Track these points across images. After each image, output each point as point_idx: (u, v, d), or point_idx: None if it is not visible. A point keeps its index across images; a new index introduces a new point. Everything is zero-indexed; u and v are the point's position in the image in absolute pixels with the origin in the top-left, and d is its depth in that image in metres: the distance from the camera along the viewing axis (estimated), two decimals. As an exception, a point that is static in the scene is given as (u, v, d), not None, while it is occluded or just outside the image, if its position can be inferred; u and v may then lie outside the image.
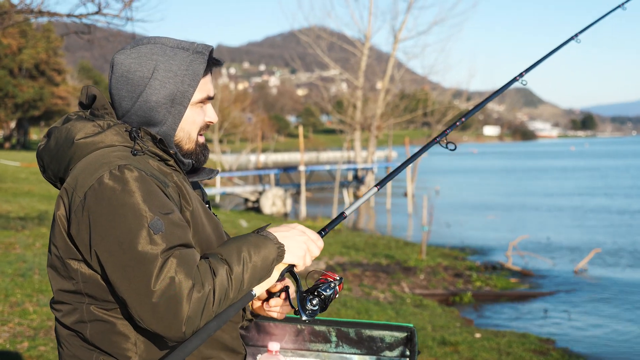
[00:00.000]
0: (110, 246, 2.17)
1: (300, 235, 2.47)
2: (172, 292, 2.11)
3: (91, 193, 2.22)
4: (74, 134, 2.40)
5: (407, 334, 3.54)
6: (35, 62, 58.27)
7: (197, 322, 2.17)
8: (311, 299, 2.47)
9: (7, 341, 7.58)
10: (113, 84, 2.46)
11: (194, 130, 2.54)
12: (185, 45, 2.49)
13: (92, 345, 2.35)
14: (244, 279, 2.28)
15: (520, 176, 56.77)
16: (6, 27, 10.88)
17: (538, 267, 16.38)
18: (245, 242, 2.34)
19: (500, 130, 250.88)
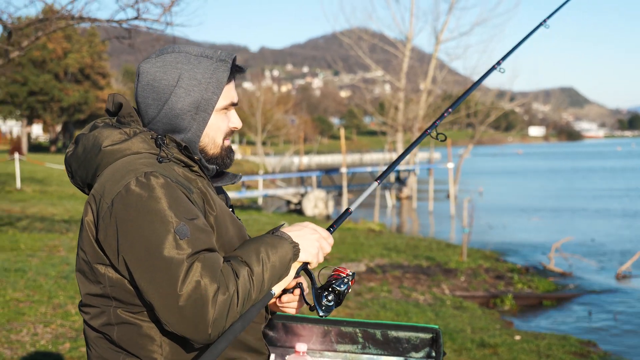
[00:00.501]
0: (137, 251, 2.22)
1: (313, 233, 2.54)
2: (198, 295, 2.15)
3: (118, 200, 2.27)
4: (101, 141, 2.45)
5: (432, 335, 3.55)
6: (80, 66, 58.94)
7: (223, 323, 2.21)
8: (326, 294, 2.50)
9: (50, 342, 7.69)
10: (139, 92, 2.52)
11: (218, 136, 2.59)
12: (209, 54, 2.53)
13: (119, 347, 2.40)
14: (264, 279, 2.33)
15: (566, 177, 56.25)
16: (48, 33, 11.05)
17: (581, 269, 16.24)
18: (262, 243, 2.40)
19: (545, 131, 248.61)
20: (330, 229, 2.67)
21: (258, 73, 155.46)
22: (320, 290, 2.52)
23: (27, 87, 55.98)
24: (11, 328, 8.12)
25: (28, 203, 24.84)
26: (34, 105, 57.60)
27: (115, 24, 11.63)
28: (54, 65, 56.93)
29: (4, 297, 9.60)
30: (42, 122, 65.09)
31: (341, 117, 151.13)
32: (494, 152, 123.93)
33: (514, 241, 21.24)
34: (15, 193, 28.79)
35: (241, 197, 32.13)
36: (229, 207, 2.79)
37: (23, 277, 10.95)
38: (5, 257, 12.90)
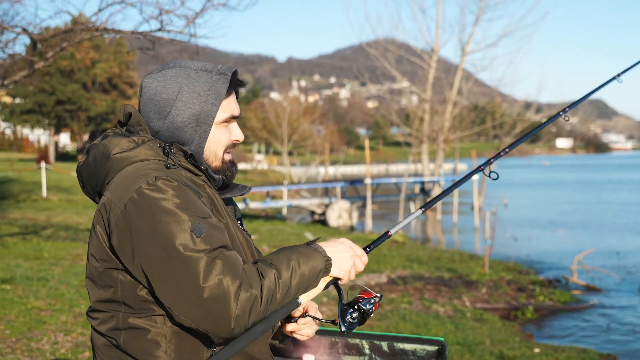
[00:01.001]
0: (155, 254, 2.27)
1: (348, 251, 2.57)
2: (220, 291, 2.20)
3: (131, 204, 2.32)
4: (110, 149, 2.51)
5: (438, 348, 3.58)
6: (108, 76, 59.30)
7: (245, 321, 2.25)
8: (351, 312, 2.54)
9: (70, 351, 7.76)
10: (142, 106, 2.59)
11: (219, 149, 2.64)
12: (208, 68, 2.59)
13: (124, 353, 2.45)
14: (291, 284, 2.37)
15: (593, 189, 55.81)
16: (72, 44, 11.17)
17: (604, 283, 16.14)
18: (295, 252, 2.44)
19: (573, 143, 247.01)
20: (366, 249, 2.69)
21: (285, 83, 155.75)
22: (347, 307, 2.55)
23: (55, 97, 56.41)
24: (32, 336, 8.21)
25: (53, 212, 25.06)
26: (62, 115, 58.01)
27: (139, 35, 11.74)
28: (81, 75, 57.36)
29: (26, 305, 9.70)
30: (70, 131, 65.49)
31: (368, 128, 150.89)
32: (521, 163, 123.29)
33: (538, 253, 21.15)
34: (41, 202, 29.05)
35: (265, 207, 32.17)
36: (238, 219, 2.84)
37: (45, 286, 11.06)
38: (29, 265, 13.03)
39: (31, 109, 58.17)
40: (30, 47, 12.52)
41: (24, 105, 58.78)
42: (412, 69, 45.47)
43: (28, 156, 65.28)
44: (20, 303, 9.79)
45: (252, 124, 77.40)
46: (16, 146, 76.31)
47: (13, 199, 29.06)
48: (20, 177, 38.88)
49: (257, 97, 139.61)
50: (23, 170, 42.63)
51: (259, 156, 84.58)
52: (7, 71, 13.50)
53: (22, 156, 65.20)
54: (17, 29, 11.53)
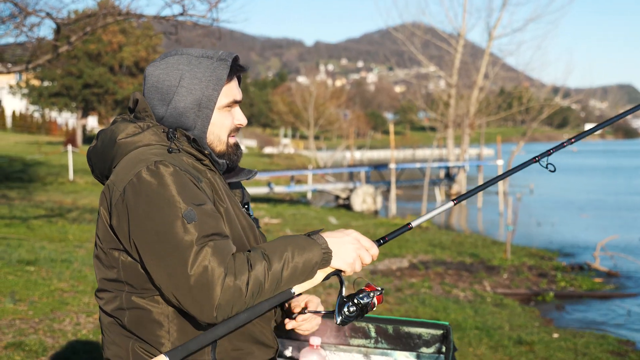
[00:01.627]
0: (148, 236, 2.35)
1: (353, 242, 2.56)
2: (205, 279, 2.26)
3: (130, 187, 2.40)
4: (116, 134, 2.59)
5: (443, 332, 3.63)
6: (135, 60, 59.43)
7: (229, 309, 2.31)
8: (350, 305, 2.55)
9: (91, 332, 7.86)
10: (146, 94, 2.66)
11: (223, 133, 2.69)
12: (209, 54, 2.65)
13: (129, 332, 2.52)
14: (282, 276, 2.40)
15: (620, 175, 55.45)
16: (96, 28, 11.27)
17: (627, 269, 16.07)
18: (291, 242, 2.47)
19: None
20: (381, 241, 2.69)
21: (312, 67, 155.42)
22: (346, 299, 2.57)
23: (82, 80, 56.58)
24: (54, 317, 8.32)
25: (80, 194, 25.26)
26: (89, 98, 58.22)
27: (161, 20, 11.81)
28: (109, 59, 57.50)
29: (49, 287, 9.82)
30: (97, 114, 65.80)
31: (395, 112, 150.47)
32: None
33: (561, 239, 21.08)
34: (68, 184, 29.27)
35: (290, 192, 32.28)
36: (245, 204, 2.90)
37: (69, 268, 11.19)
38: (53, 247, 13.17)
39: (59, 92, 58.39)
40: (54, 31, 12.62)
41: (52, 88, 59.01)
42: (439, 54, 45.29)
43: (56, 139, 65.71)
44: (43, 284, 9.92)
45: (278, 108, 77.43)
46: (44, 129, 76.78)
47: (40, 182, 29.31)
48: (47, 160, 39.16)
49: (284, 81, 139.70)
50: (50, 153, 42.95)
51: (285, 140, 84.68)
52: (32, 55, 13.62)
53: (49, 139, 65.63)
54: (41, 13, 11.65)
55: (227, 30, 19.17)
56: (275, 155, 66.10)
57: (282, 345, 3.79)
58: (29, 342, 7.14)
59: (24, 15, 11.51)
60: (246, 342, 2.63)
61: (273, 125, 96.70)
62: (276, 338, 2.80)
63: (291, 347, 3.79)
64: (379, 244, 2.66)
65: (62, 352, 7.05)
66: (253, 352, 2.66)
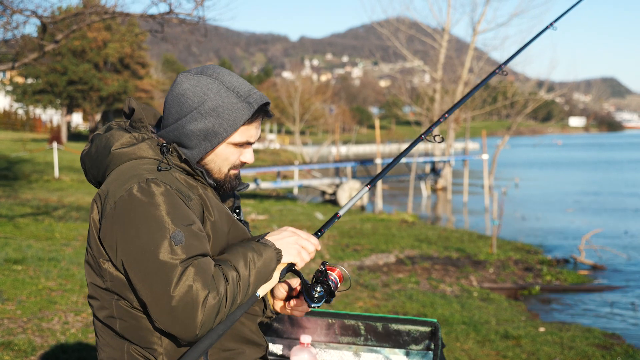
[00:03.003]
0: (135, 254, 2.37)
1: (291, 236, 2.66)
2: (189, 299, 2.30)
3: (121, 203, 2.42)
4: (111, 143, 2.61)
5: (431, 329, 3.68)
6: (120, 56, 59.28)
7: (211, 325, 2.37)
8: (315, 287, 2.66)
9: (80, 331, 7.86)
10: (169, 98, 2.66)
11: (225, 166, 2.72)
12: (241, 91, 2.65)
13: (122, 338, 2.56)
14: (249, 283, 2.48)
15: (604, 169, 55.70)
16: (82, 26, 11.24)
17: (611, 262, 16.19)
18: (249, 249, 2.54)
19: (586, 121, 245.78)
20: (317, 234, 2.78)
21: (297, 62, 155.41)
22: (309, 284, 2.67)
23: (67, 77, 56.38)
24: (43, 316, 8.32)
25: (65, 192, 25.16)
26: (74, 95, 58.02)
27: (148, 18, 11.81)
28: (93, 55, 57.33)
29: (37, 285, 9.81)
30: (82, 111, 65.59)
31: (380, 107, 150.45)
32: (533, 142, 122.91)
33: (547, 233, 21.19)
34: (53, 182, 29.15)
35: (276, 187, 32.26)
36: (236, 208, 2.94)
37: (56, 267, 11.18)
38: (40, 246, 13.14)
39: (43, 89, 58.19)
40: (40, 29, 12.60)
41: (36, 85, 58.78)
42: (423, 48, 45.30)
43: (40, 136, 65.36)
44: (31, 283, 9.91)
45: (263, 103, 77.23)
46: (28, 126, 76.38)
47: (25, 180, 29.17)
48: (32, 158, 38.99)
49: (269, 76, 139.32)
50: (35, 150, 42.76)
51: (271, 136, 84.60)
52: (18, 53, 13.60)
53: (34, 136, 65.27)
54: (27, 12, 11.64)
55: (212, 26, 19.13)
56: (261, 151, 65.93)
57: (273, 343, 3.83)
58: (18, 342, 7.14)
59: (10, 14, 11.50)
60: (237, 342, 2.69)
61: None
62: (264, 337, 2.86)
63: (282, 345, 3.83)
64: (318, 236, 2.77)
65: (51, 351, 7.05)
66: (244, 352, 2.71)
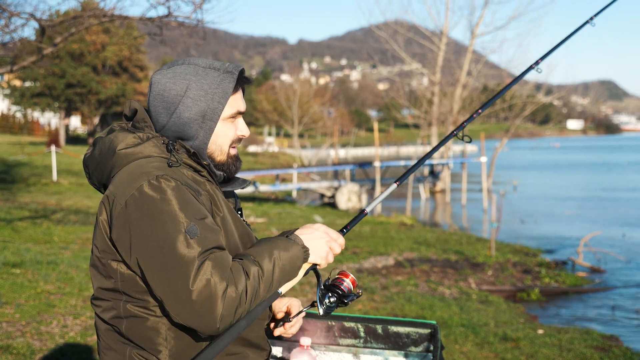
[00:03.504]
0: (151, 250, 2.36)
1: (323, 236, 2.65)
2: (208, 292, 2.29)
3: (132, 201, 2.41)
4: (116, 144, 2.60)
5: (430, 331, 3.68)
6: (118, 59, 59.28)
7: (231, 319, 2.35)
8: (330, 296, 2.65)
9: (79, 334, 7.86)
10: (151, 101, 2.66)
11: (225, 144, 2.72)
12: (216, 66, 2.67)
13: (126, 339, 2.55)
14: (273, 279, 2.46)
15: (602, 171, 55.72)
16: (80, 30, 11.25)
17: (610, 264, 16.20)
18: (275, 245, 2.53)
19: (583, 124, 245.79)
20: (343, 230, 2.79)
21: (296, 65, 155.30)
22: (325, 291, 2.66)
23: (65, 80, 56.35)
24: (41, 320, 8.32)
25: (64, 195, 25.17)
26: (72, 98, 57.97)
27: (146, 21, 11.81)
28: (91, 58, 57.30)
29: (36, 289, 9.82)
30: (80, 114, 65.56)
31: (379, 110, 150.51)
32: (532, 145, 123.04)
33: (545, 235, 21.20)
34: (51, 185, 29.16)
35: (275, 190, 32.26)
36: (238, 210, 2.94)
37: (55, 270, 11.18)
38: (39, 249, 13.14)
39: (41, 92, 58.15)
40: (38, 32, 12.60)
41: (34, 88, 58.76)
42: (422, 51, 45.34)
43: (39, 139, 65.38)
44: (30, 287, 9.91)
45: (262, 106, 77.28)
46: (27, 129, 76.38)
47: (23, 183, 29.17)
48: (30, 161, 38.99)
49: (267, 79, 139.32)
50: (33, 153, 42.75)
51: (269, 139, 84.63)
52: (16, 56, 13.60)
53: (32, 139, 65.29)
54: (25, 14, 11.63)
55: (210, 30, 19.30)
56: (259, 154, 66.04)
57: (273, 345, 3.83)
58: (17, 345, 7.15)
59: (8, 17, 11.50)
60: (240, 346, 2.67)
61: (257, 123, 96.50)
62: (268, 340, 2.85)
63: (281, 347, 3.83)
64: (343, 233, 2.76)
65: (50, 354, 7.05)
66: (248, 356, 2.70)
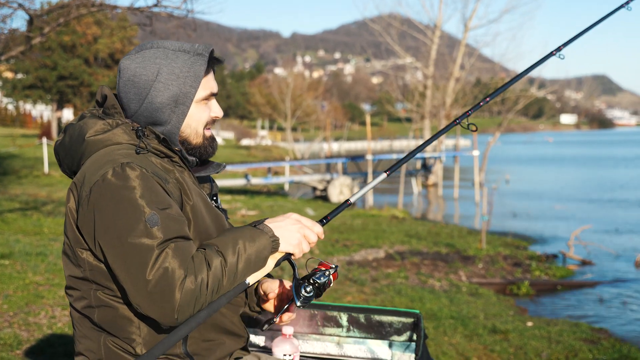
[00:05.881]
0: (111, 238, 2.34)
1: (295, 224, 2.60)
2: (165, 282, 2.26)
3: (96, 189, 2.39)
4: (85, 131, 2.57)
5: (414, 320, 3.67)
6: (110, 52, 59.10)
7: (190, 310, 2.32)
8: (305, 285, 2.58)
9: (67, 325, 7.83)
10: (121, 87, 2.62)
11: (200, 126, 2.69)
12: (186, 48, 2.63)
13: (100, 329, 2.53)
14: (237, 270, 2.42)
15: (595, 165, 55.79)
16: (69, 19, 11.21)
17: (601, 258, 16.22)
18: (241, 235, 2.48)
19: (577, 119, 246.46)
20: (323, 221, 2.73)
21: (289, 59, 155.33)
22: (301, 281, 2.60)
23: (57, 72, 56.13)
24: (29, 311, 8.29)
25: (55, 187, 25.10)
26: (64, 90, 57.78)
27: (136, 11, 11.78)
28: (83, 50, 57.09)
29: (24, 280, 9.78)
30: (72, 106, 65.39)
31: (372, 104, 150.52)
32: (525, 139, 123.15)
33: (536, 229, 21.20)
34: (42, 177, 29.09)
35: (267, 183, 32.23)
36: (214, 195, 2.91)
37: (44, 261, 11.14)
38: (28, 241, 13.11)
39: (33, 84, 57.94)
40: (27, 22, 12.54)
41: (26, 80, 58.54)
42: (415, 45, 45.33)
43: (30, 132, 65.30)
44: (18, 278, 9.88)
45: (255, 99, 77.28)
46: (19, 122, 76.27)
47: (15, 175, 29.11)
48: (22, 153, 38.91)
49: (261, 72, 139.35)
50: (25, 145, 42.65)
51: (262, 132, 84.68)
52: (5, 47, 13.54)
53: (24, 132, 65.21)
54: (14, 4, 11.58)
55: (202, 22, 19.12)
56: (252, 147, 65.97)
57: (255, 334, 3.82)
58: (4, 336, 7.12)
59: (-4, 7, 11.47)
60: (217, 333, 2.67)
61: (250, 117, 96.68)
62: (246, 328, 2.83)
63: (264, 336, 3.82)
64: (322, 224, 2.71)
65: (37, 345, 7.03)
66: (224, 342, 2.69)
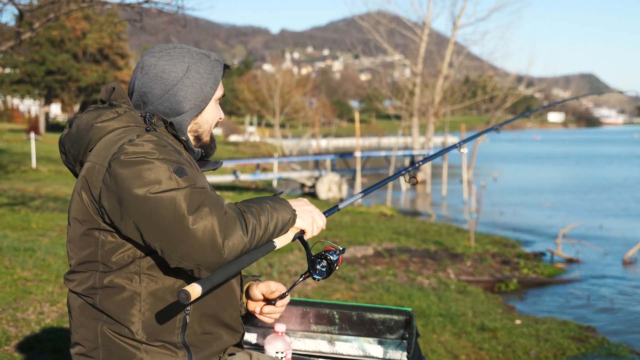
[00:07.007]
0: (143, 201, 2.35)
1: (308, 205, 2.72)
2: (208, 220, 2.31)
3: (115, 160, 2.41)
4: (93, 118, 2.62)
5: (406, 318, 3.68)
6: (99, 47, 59.02)
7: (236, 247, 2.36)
8: (319, 261, 2.73)
9: (55, 321, 7.81)
10: (146, 82, 2.70)
11: (213, 124, 2.86)
12: (206, 53, 2.80)
13: (100, 312, 2.54)
14: (269, 224, 2.49)
15: (581, 164, 55.97)
16: (59, 14, 11.17)
17: (588, 255, 16.28)
18: (267, 199, 2.57)
19: (564, 117, 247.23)
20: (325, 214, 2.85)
21: (278, 55, 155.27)
22: (315, 257, 2.74)
23: (45, 67, 56.00)
24: (17, 306, 8.26)
25: (43, 183, 25.04)
26: (52, 85, 57.67)
27: (126, 7, 11.76)
28: (72, 45, 56.99)
29: (12, 276, 9.74)
30: (60, 101, 65.24)
31: (361, 101, 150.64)
32: (512, 137, 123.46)
33: (525, 227, 21.26)
34: (30, 172, 29.01)
35: (256, 180, 32.22)
36: None
37: (32, 257, 11.10)
38: (16, 236, 13.06)
39: (21, 79, 57.78)
40: (17, 17, 12.50)
41: (14, 75, 58.37)
42: (404, 42, 45.39)
43: (18, 127, 64.97)
44: (6, 273, 9.84)
45: (244, 96, 77.35)
46: (6, 116, 75.89)
47: (2, 170, 28.98)
48: (9, 148, 38.78)
49: (249, 68, 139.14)
50: (12, 140, 42.49)
51: (250, 128, 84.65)
52: (-5, 42, 13.50)
53: (12, 127, 64.86)
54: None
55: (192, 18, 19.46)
56: (240, 144, 65.92)
57: (248, 332, 3.82)
58: (-8, 332, 7.10)
59: (-15, 2, 11.42)
60: (216, 326, 2.69)
61: (239, 113, 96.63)
62: (243, 324, 2.86)
63: (256, 334, 3.82)
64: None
65: (25, 341, 7.01)
66: (222, 337, 2.71)
